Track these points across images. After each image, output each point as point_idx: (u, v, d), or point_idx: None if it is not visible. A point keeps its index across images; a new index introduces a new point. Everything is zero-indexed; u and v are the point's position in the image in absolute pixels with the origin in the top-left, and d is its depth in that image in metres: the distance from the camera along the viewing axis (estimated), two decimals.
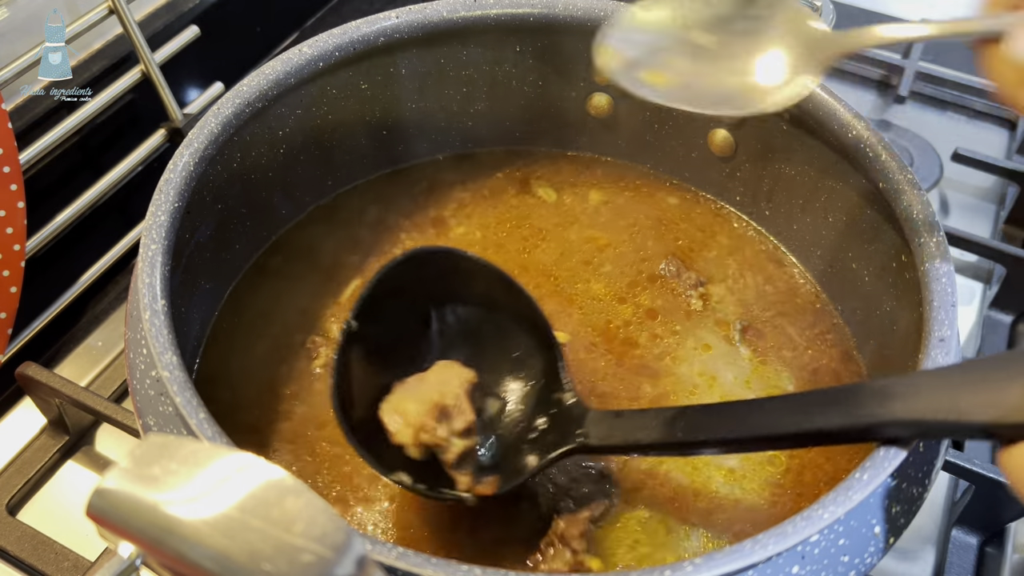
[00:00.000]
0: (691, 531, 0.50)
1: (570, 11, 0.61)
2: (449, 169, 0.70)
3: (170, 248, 0.47)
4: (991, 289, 0.78)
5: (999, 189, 0.87)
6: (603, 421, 0.48)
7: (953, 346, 0.46)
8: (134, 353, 0.46)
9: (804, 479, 0.53)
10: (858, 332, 0.59)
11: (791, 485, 0.52)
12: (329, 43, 0.58)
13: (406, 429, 0.46)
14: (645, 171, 0.71)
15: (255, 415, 0.54)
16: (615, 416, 0.49)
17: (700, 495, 0.51)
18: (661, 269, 0.63)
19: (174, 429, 0.43)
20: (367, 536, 0.37)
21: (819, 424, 0.41)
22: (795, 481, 0.52)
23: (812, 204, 0.61)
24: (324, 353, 0.57)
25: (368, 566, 0.29)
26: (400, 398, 0.47)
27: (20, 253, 0.63)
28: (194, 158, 0.51)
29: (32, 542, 0.56)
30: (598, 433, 0.47)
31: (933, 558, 0.61)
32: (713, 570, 0.36)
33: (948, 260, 0.48)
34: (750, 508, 0.51)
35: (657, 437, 0.45)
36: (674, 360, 0.59)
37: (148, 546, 0.28)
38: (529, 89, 0.67)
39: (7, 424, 0.65)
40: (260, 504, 0.28)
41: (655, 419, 0.46)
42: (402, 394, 0.47)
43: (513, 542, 0.49)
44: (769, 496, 0.52)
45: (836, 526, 0.40)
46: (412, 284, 0.49)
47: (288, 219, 0.65)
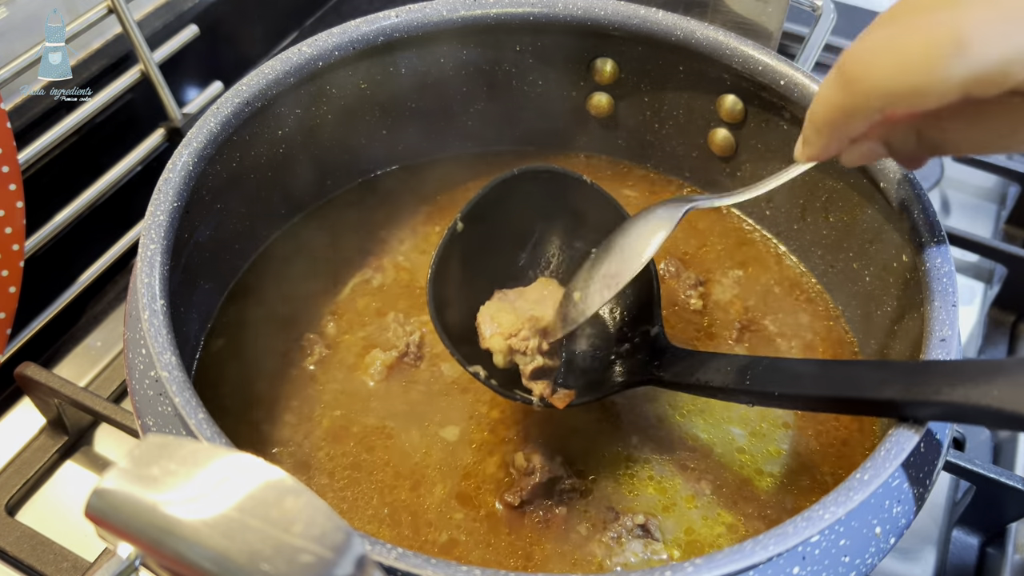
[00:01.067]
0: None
1: (570, 11, 0.61)
2: (449, 169, 0.70)
3: (169, 248, 0.47)
4: (992, 289, 0.78)
5: (1000, 189, 0.87)
6: (680, 358, 0.50)
7: (954, 346, 0.45)
8: (133, 353, 0.46)
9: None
10: (859, 332, 0.59)
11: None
12: (329, 43, 0.58)
13: (499, 338, 0.49)
14: (645, 171, 0.71)
15: (254, 415, 0.54)
16: (692, 355, 0.51)
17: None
18: (661, 269, 0.63)
19: (173, 429, 0.43)
20: (366, 536, 0.37)
21: (884, 395, 0.41)
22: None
23: (812, 204, 0.61)
24: (318, 351, 0.57)
25: (367, 566, 0.29)
26: (499, 308, 0.50)
27: (19, 253, 0.63)
28: (193, 158, 0.51)
29: (31, 542, 0.56)
30: (674, 369, 0.50)
31: (934, 558, 0.60)
32: (713, 570, 0.36)
33: (949, 260, 0.48)
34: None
35: (727, 382, 0.47)
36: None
37: (147, 546, 0.28)
38: (529, 89, 0.67)
39: (6, 424, 0.65)
40: (259, 504, 0.28)
41: (729, 364, 0.48)
42: (500, 304, 0.50)
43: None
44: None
45: (837, 526, 0.40)
46: (522, 199, 0.53)
47: (288, 219, 0.65)
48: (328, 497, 0.51)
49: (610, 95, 0.67)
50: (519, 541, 0.49)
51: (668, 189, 0.69)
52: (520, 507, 0.50)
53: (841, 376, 0.45)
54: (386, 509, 0.50)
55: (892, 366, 0.45)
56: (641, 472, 0.52)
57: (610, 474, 0.52)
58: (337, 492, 0.51)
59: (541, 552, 0.49)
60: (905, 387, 0.41)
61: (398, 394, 0.56)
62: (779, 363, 0.49)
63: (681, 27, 0.60)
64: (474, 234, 0.52)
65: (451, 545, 0.49)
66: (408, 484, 0.51)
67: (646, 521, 0.50)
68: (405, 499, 0.51)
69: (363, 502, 0.51)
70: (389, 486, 0.51)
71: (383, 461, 0.52)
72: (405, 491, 0.51)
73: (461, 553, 0.49)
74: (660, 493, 0.52)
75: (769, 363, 0.48)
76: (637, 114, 0.68)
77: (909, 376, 0.41)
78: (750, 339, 0.60)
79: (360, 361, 0.57)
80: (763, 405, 0.52)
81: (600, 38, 0.64)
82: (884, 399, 0.42)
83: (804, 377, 0.45)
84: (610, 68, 0.65)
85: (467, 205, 0.52)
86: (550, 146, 0.71)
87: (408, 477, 0.52)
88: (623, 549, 0.49)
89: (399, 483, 0.51)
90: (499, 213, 0.53)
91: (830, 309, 0.62)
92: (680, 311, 0.61)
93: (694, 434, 0.54)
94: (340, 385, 0.56)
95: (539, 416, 0.54)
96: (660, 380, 0.50)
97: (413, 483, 0.52)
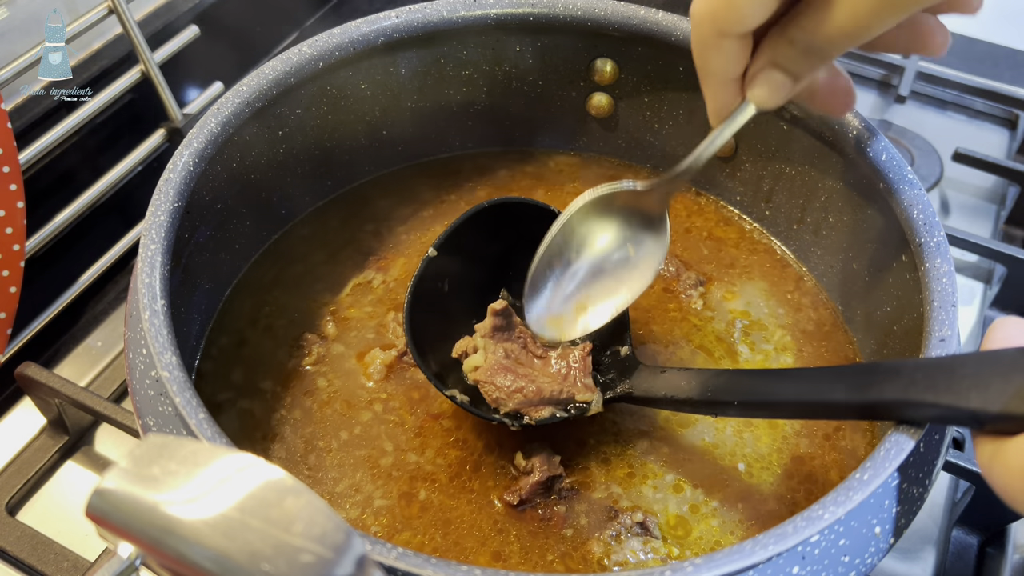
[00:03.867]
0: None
1: (570, 11, 0.61)
2: (450, 169, 0.70)
3: (169, 248, 0.47)
4: (991, 289, 0.78)
5: (999, 189, 0.87)
6: (649, 376, 0.52)
7: (954, 346, 0.46)
8: (134, 353, 0.46)
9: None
10: (858, 331, 0.59)
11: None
12: (329, 43, 0.58)
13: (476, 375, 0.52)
14: (645, 171, 0.71)
15: (254, 414, 0.54)
16: (660, 372, 0.52)
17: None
18: (661, 269, 0.63)
19: (174, 429, 0.43)
20: (367, 536, 0.37)
21: (845, 397, 0.42)
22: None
23: (812, 204, 0.61)
24: (316, 351, 0.57)
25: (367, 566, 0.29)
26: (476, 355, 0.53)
27: (20, 253, 0.63)
28: (194, 158, 0.51)
29: (32, 542, 0.56)
30: (643, 386, 0.52)
31: (934, 558, 0.61)
32: (713, 570, 0.36)
33: (948, 260, 0.48)
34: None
35: (691, 395, 0.49)
36: (674, 360, 0.59)
37: (147, 546, 0.28)
38: (529, 89, 0.67)
39: (7, 424, 0.65)
40: (259, 504, 0.28)
41: (694, 379, 0.50)
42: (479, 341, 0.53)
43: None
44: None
45: (836, 526, 0.40)
46: (494, 230, 0.55)
47: (288, 219, 0.65)
48: (328, 496, 0.51)
49: (610, 95, 0.67)
50: (518, 540, 0.49)
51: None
52: (519, 506, 0.50)
53: (793, 382, 0.46)
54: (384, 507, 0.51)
55: (845, 370, 0.45)
56: (640, 471, 0.52)
57: (609, 473, 0.52)
58: (337, 491, 0.51)
59: (540, 551, 0.49)
60: (858, 388, 0.42)
61: (398, 394, 0.56)
62: (739, 374, 0.51)
63: (681, 27, 0.60)
64: (449, 263, 0.54)
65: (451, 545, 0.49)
66: (407, 483, 0.52)
67: (645, 519, 0.50)
68: (404, 498, 0.51)
69: (362, 501, 0.51)
70: (389, 486, 0.51)
71: (383, 461, 0.53)
72: (404, 490, 0.51)
73: (461, 552, 0.49)
74: (659, 491, 0.52)
75: (733, 374, 0.51)
76: (637, 114, 0.68)
77: (864, 377, 0.42)
78: (751, 339, 0.60)
79: (360, 361, 0.57)
80: (724, 415, 0.54)
81: (600, 38, 0.64)
82: (837, 401, 0.43)
83: (761, 386, 0.47)
84: (610, 68, 0.65)
85: (440, 236, 0.54)
86: (550, 146, 0.71)
87: (407, 476, 0.52)
88: (622, 547, 0.49)
89: (399, 483, 0.52)
90: (472, 243, 0.55)
91: (830, 309, 0.62)
92: (680, 311, 0.61)
93: (694, 434, 0.54)
94: (340, 385, 0.56)
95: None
96: (631, 397, 0.52)
97: (412, 482, 0.52)
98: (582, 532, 0.50)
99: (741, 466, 0.53)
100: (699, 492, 0.52)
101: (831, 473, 0.53)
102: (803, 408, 0.46)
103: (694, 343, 0.60)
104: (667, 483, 0.52)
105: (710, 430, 0.54)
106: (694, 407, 0.50)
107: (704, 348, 0.59)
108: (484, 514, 0.50)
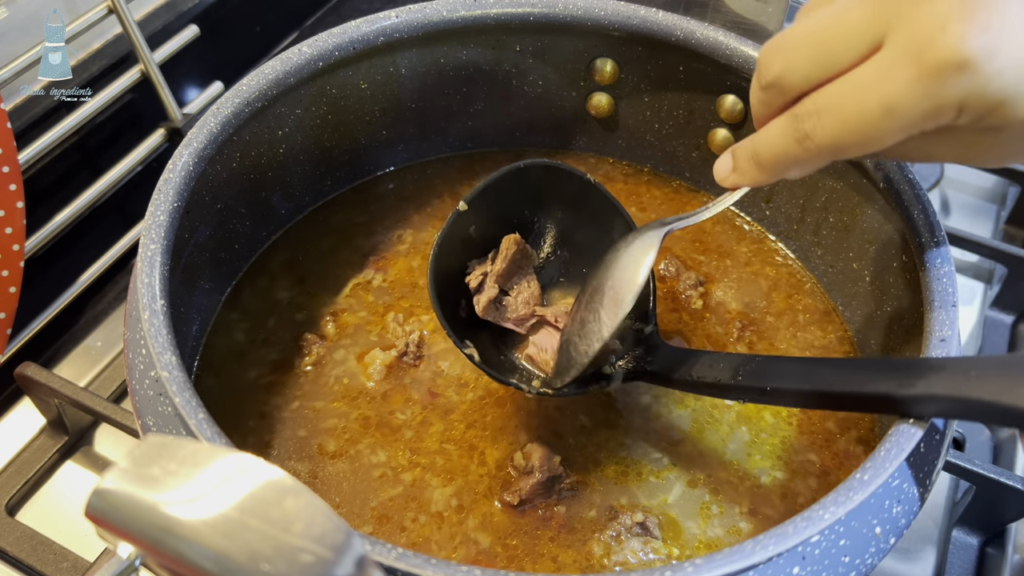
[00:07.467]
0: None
1: (570, 11, 0.61)
2: (449, 169, 0.70)
3: (169, 248, 0.47)
4: (992, 289, 0.78)
5: (1000, 189, 0.87)
6: (673, 356, 0.51)
7: (954, 346, 0.46)
8: (133, 353, 0.46)
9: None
10: (859, 332, 0.59)
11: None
12: (329, 43, 0.58)
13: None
14: (645, 171, 0.71)
15: (255, 414, 0.54)
16: (685, 354, 0.51)
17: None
18: (661, 269, 0.63)
19: (173, 429, 0.43)
20: (366, 536, 0.37)
21: (872, 389, 0.42)
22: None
23: (812, 204, 0.61)
24: (316, 351, 0.57)
25: (367, 566, 0.29)
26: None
27: (19, 253, 0.63)
28: (193, 158, 0.51)
29: (31, 542, 0.56)
30: (666, 365, 0.50)
31: (934, 558, 0.60)
32: (713, 570, 0.36)
33: (949, 260, 0.48)
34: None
35: (720, 378, 0.47)
36: None
37: (147, 547, 0.28)
38: (529, 89, 0.67)
39: (6, 424, 0.65)
40: (259, 504, 0.28)
41: (721, 362, 0.48)
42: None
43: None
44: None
45: (837, 526, 0.40)
46: (526, 191, 0.54)
47: (288, 219, 0.65)
48: (327, 496, 0.51)
49: (610, 95, 0.67)
50: (518, 540, 0.49)
51: (668, 189, 0.69)
52: (519, 506, 0.50)
53: (832, 371, 0.45)
54: (384, 508, 0.50)
55: (887, 363, 0.45)
56: (640, 471, 0.52)
57: (609, 473, 0.52)
58: (337, 491, 0.51)
59: (540, 551, 0.49)
60: (898, 382, 0.41)
61: (397, 393, 0.56)
62: (772, 360, 0.49)
63: (681, 27, 0.60)
64: (477, 219, 0.53)
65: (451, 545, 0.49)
66: (407, 483, 0.52)
67: (645, 519, 0.50)
68: (403, 498, 0.51)
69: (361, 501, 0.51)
70: (388, 485, 0.51)
71: (383, 461, 0.53)
72: (404, 490, 0.51)
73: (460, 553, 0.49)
74: (659, 492, 0.52)
75: (762, 360, 0.48)
76: (637, 114, 0.68)
77: (902, 371, 0.42)
78: (750, 339, 0.60)
79: (360, 361, 0.57)
80: (754, 401, 0.52)
81: (600, 38, 0.64)
82: (878, 393, 0.42)
83: (795, 373, 0.46)
84: (610, 68, 0.65)
85: (473, 191, 0.53)
86: (550, 146, 0.71)
87: (407, 476, 0.52)
88: (622, 547, 0.49)
89: (398, 482, 0.52)
90: (503, 202, 0.54)
91: (830, 309, 0.62)
92: (680, 311, 0.61)
93: (694, 434, 0.54)
94: (340, 385, 0.56)
95: (538, 415, 0.54)
96: (651, 375, 0.51)
97: (412, 482, 0.52)
98: (582, 532, 0.50)
99: (741, 466, 0.53)
100: (699, 492, 0.52)
101: (832, 473, 0.53)
102: (843, 399, 0.44)
103: (694, 343, 0.59)
104: (667, 483, 0.52)
105: (711, 430, 0.54)
106: (720, 391, 0.49)
107: (704, 348, 0.59)
108: (484, 514, 0.50)
